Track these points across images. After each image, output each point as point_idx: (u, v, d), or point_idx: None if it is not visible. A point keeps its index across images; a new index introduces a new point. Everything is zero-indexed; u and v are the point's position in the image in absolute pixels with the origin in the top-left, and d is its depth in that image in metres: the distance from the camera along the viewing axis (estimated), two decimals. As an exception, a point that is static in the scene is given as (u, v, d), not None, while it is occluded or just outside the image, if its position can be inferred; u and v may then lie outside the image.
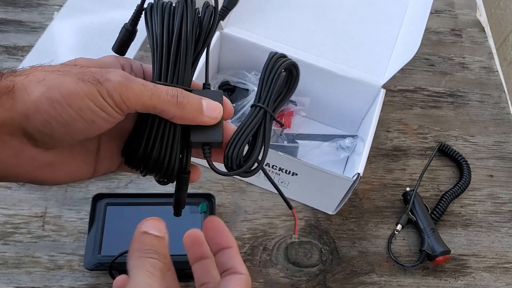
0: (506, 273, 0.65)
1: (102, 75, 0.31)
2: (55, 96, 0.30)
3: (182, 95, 0.34)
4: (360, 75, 0.65)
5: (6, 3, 0.79)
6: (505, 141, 0.76)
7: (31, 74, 0.31)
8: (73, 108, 0.30)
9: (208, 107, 0.35)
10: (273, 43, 0.66)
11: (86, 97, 0.30)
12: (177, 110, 0.33)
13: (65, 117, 0.30)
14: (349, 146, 0.67)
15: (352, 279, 0.62)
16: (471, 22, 0.90)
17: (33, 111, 0.30)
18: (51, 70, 0.31)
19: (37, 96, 0.30)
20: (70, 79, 0.30)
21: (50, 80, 0.30)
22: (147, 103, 0.32)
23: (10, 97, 0.30)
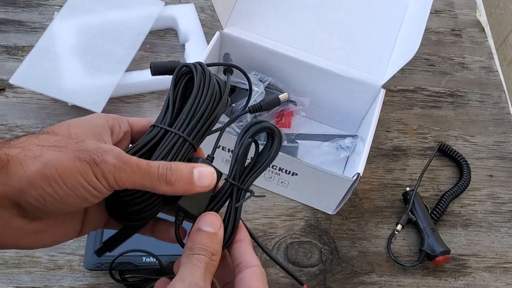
0: (506, 273, 0.65)
1: (98, 156, 0.32)
2: (51, 174, 0.30)
3: (171, 172, 0.35)
4: (360, 75, 0.65)
5: (6, 3, 0.79)
6: (505, 141, 0.76)
7: (27, 149, 0.31)
8: (68, 186, 0.31)
9: (200, 176, 0.36)
10: (273, 43, 0.66)
11: (81, 176, 0.31)
12: (167, 187, 0.34)
13: (60, 194, 0.31)
14: (349, 146, 0.67)
15: (352, 279, 0.62)
16: (471, 22, 0.90)
17: (27, 187, 0.30)
18: (48, 146, 0.31)
19: (33, 173, 0.30)
20: (67, 157, 0.31)
21: (46, 157, 0.31)
22: (138, 183, 0.33)
23: (4, 172, 0.30)
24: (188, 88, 0.40)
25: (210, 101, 0.39)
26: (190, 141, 0.38)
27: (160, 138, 0.37)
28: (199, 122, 0.39)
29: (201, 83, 0.39)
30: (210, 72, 0.40)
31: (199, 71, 0.39)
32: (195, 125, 0.38)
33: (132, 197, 0.36)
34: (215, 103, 0.39)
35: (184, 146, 0.38)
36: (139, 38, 0.74)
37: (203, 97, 0.39)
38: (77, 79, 0.69)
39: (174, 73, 0.40)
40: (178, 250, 0.58)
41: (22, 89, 0.70)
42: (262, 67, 0.68)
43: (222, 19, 0.66)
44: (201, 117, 0.39)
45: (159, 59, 0.77)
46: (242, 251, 0.39)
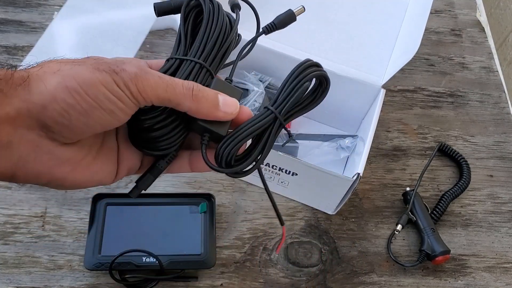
0: (506, 273, 0.65)
1: (117, 66, 0.31)
2: (72, 85, 0.29)
3: (198, 88, 0.34)
4: (360, 75, 0.65)
5: (6, 3, 0.79)
6: (505, 141, 0.76)
7: (46, 65, 0.31)
8: (91, 96, 0.30)
9: (225, 102, 0.35)
10: (273, 43, 0.66)
11: (103, 86, 0.30)
12: (192, 103, 0.33)
13: (84, 106, 0.30)
14: (349, 146, 0.67)
15: (352, 279, 0.62)
16: (471, 22, 0.90)
17: (50, 101, 0.29)
18: (66, 61, 0.31)
19: (53, 86, 0.29)
20: (86, 69, 0.30)
21: (65, 70, 0.30)
22: (162, 95, 0.32)
23: (25, 88, 0.29)
24: (198, 23, 0.39)
25: (221, 29, 0.38)
26: (207, 67, 0.37)
27: (177, 68, 0.37)
28: (214, 48, 0.38)
29: (211, 13, 0.38)
30: (218, 3, 0.39)
31: (207, 2, 0.39)
32: (210, 51, 0.38)
33: (154, 120, 0.34)
34: (227, 32, 0.39)
35: (202, 72, 0.37)
36: (139, 38, 0.74)
37: (213, 25, 0.38)
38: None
39: (182, 7, 0.39)
40: (178, 250, 0.59)
41: (22, 89, 0.70)
42: (262, 67, 0.68)
43: (222, 19, 0.66)
44: (214, 43, 0.38)
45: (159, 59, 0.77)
46: None
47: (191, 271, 0.59)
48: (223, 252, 0.62)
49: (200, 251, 0.58)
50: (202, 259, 0.58)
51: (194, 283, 0.59)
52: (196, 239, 0.59)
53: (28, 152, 0.30)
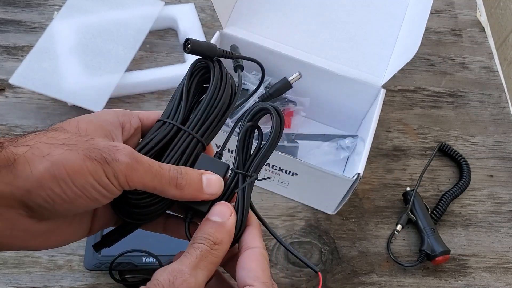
0: (506, 273, 0.65)
1: (110, 154, 0.31)
2: (60, 174, 0.29)
3: (182, 176, 0.34)
4: (360, 75, 0.65)
5: (5, 3, 0.79)
6: (505, 141, 0.76)
7: (35, 147, 0.29)
8: (78, 186, 0.30)
9: (208, 184, 0.35)
10: (273, 43, 0.66)
11: (91, 176, 0.30)
12: (176, 191, 0.34)
13: (69, 195, 0.30)
14: (349, 146, 0.67)
15: (352, 279, 0.62)
16: (471, 22, 0.90)
17: (35, 187, 0.29)
18: (56, 144, 0.30)
19: (40, 172, 0.29)
20: (77, 156, 0.30)
21: (55, 155, 0.29)
22: (148, 184, 0.32)
23: (10, 171, 0.28)
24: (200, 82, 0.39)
25: (225, 102, 0.38)
26: (203, 141, 0.38)
27: (173, 137, 0.36)
28: (213, 122, 0.38)
29: (218, 83, 0.38)
30: (226, 71, 0.39)
31: (217, 70, 0.38)
32: (209, 125, 0.38)
33: (139, 199, 0.35)
34: (230, 104, 0.39)
35: (197, 147, 0.37)
36: (139, 38, 0.74)
37: (218, 97, 0.38)
38: (77, 79, 0.69)
39: (191, 66, 0.39)
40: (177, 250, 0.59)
41: (22, 89, 0.70)
42: (262, 67, 0.68)
43: (222, 19, 0.66)
44: (215, 118, 0.38)
45: (159, 59, 0.77)
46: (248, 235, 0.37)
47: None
48: (223, 252, 0.62)
49: (200, 251, 0.58)
50: None
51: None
52: (196, 239, 0.59)
53: (4, 229, 0.30)
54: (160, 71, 0.74)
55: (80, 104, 0.67)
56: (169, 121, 0.37)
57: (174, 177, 0.34)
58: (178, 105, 0.37)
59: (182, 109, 0.37)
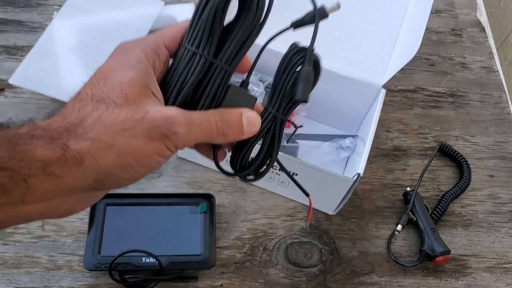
0: (507, 273, 0.65)
1: (169, 129, 0.32)
2: (128, 161, 0.31)
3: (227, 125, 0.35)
4: (360, 75, 0.65)
5: (5, 3, 0.79)
6: (505, 141, 0.76)
7: (97, 140, 0.30)
8: (145, 167, 0.32)
9: (248, 124, 0.36)
10: (273, 43, 0.66)
11: (156, 154, 0.32)
12: (222, 139, 0.35)
13: (136, 176, 0.32)
14: (349, 146, 0.67)
15: (352, 280, 0.62)
16: (472, 22, 0.90)
17: (105, 177, 0.31)
18: (117, 131, 0.30)
19: (109, 165, 0.30)
20: (140, 141, 0.31)
21: (120, 146, 0.30)
22: (201, 140, 0.34)
23: (79, 168, 0.29)
24: None
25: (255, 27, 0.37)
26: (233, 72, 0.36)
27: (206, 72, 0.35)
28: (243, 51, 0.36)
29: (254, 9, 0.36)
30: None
31: None
32: (242, 56, 0.36)
33: None
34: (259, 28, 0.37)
35: (228, 79, 0.36)
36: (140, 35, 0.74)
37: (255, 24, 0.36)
38: (77, 79, 0.68)
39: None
40: (177, 250, 0.59)
41: (22, 89, 0.70)
42: (262, 67, 0.68)
43: (222, 19, 0.66)
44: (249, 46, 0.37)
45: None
46: None
47: (191, 272, 0.59)
48: (223, 253, 0.62)
49: (200, 251, 0.58)
50: (202, 259, 0.58)
51: (194, 284, 0.59)
52: (196, 240, 0.59)
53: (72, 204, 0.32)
54: (160, 71, 0.74)
55: (80, 104, 0.67)
56: (201, 52, 0.34)
57: (221, 128, 0.35)
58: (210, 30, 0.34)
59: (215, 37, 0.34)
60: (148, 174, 0.33)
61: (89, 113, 0.31)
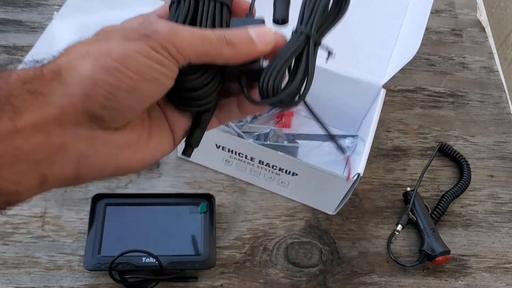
0: (507, 273, 0.65)
1: (147, 28, 0.29)
2: (108, 63, 0.27)
3: (227, 33, 0.31)
4: (360, 75, 0.65)
5: (5, 3, 0.79)
6: (505, 141, 0.76)
7: (71, 51, 0.28)
8: (132, 69, 0.28)
9: (258, 35, 0.32)
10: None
11: (140, 55, 0.28)
12: (230, 49, 0.31)
13: (127, 82, 0.28)
14: (349, 146, 0.67)
15: (352, 280, 0.62)
16: (472, 22, 0.90)
17: (91, 87, 0.27)
18: (91, 42, 0.29)
19: (89, 70, 0.27)
20: (116, 43, 0.28)
21: (95, 51, 0.28)
22: (201, 49, 0.30)
23: (60, 82, 0.27)
24: None
25: None
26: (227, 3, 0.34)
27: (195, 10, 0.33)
28: None
29: None
30: None
31: None
32: None
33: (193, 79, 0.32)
34: None
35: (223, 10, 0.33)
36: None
37: None
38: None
39: None
40: (178, 250, 0.59)
41: (22, 89, 0.70)
42: (262, 67, 0.68)
43: (222, 19, 0.66)
44: None
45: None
46: None
47: (191, 272, 0.59)
48: (223, 253, 0.62)
49: (200, 251, 0.58)
50: (202, 259, 0.58)
51: (194, 284, 0.59)
52: (196, 240, 0.59)
53: (85, 148, 0.28)
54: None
55: (80, 104, 0.67)
56: None
57: (221, 35, 0.31)
58: None
59: None
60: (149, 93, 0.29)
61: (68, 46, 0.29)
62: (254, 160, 0.61)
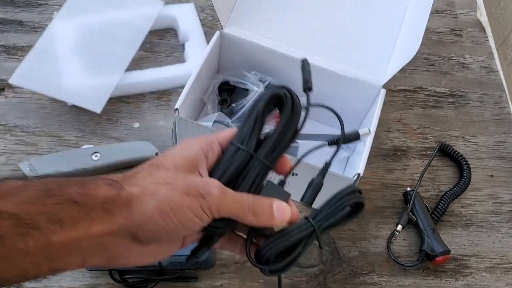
0: (507, 273, 0.65)
1: (204, 189, 0.37)
2: (165, 210, 0.35)
3: (257, 205, 0.39)
4: (360, 75, 0.65)
5: (5, 3, 0.79)
6: (505, 141, 0.76)
7: (145, 187, 0.36)
8: (178, 219, 0.36)
9: (278, 211, 0.40)
10: (273, 43, 0.66)
11: (190, 211, 0.36)
12: (253, 218, 0.39)
13: (171, 226, 0.36)
14: (349, 146, 0.67)
15: (353, 280, 0.62)
16: (472, 22, 0.90)
17: (146, 221, 0.35)
18: (161, 183, 0.36)
19: (151, 209, 0.35)
20: (178, 194, 0.36)
21: (161, 195, 0.36)
22: (233, 212, 0.38)
23: (128, 209, 0.35)
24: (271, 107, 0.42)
25: (295, 129, 0.43)
26: (271, 166, 0.41)
27: (246, 164, 0.40)
28: (282, 149, 0.42)
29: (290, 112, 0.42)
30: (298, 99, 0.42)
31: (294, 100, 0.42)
32: (279, 153, 0.42)
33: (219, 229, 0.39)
34: (297, 130, 0.43)
35: (266, 173, 0.41)
36: (139, 38, 0.74)
37: (290, 126, 0.42)
38: (77, 79, 0.69)
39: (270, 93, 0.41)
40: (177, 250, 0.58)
41: (22, 89, 0.70)
42: (262, 67, 0.68)
43: (222, 19, 0.66)
44: (285, 145, 0.42)
45: (159, 59, 0.77)
46: None
47: (191, 272, 0.59)
48: (223, 253, 0.62)
49: (200, 251, 0.58)
50: (202, 259, 0.58)
51: (194, 284, 0.59)
52: (196, 240, 0.59)
53: (121, 252, 0.37)
54: (160, 71, 0.74)
55: (80, 104, 0.67)
56: (244, 147, 0.40)
57: (252, 206, 0.39)
58: (252, 131, 0.40)
59: (255, 136, 0.41)
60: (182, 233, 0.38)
61: (142, 169, 0.38)
62: (254, 160, 0.61)
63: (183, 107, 0.59)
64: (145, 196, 0.36)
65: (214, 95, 0.67)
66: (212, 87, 0.67)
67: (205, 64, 0.64)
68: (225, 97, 0.68)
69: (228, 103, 0.67)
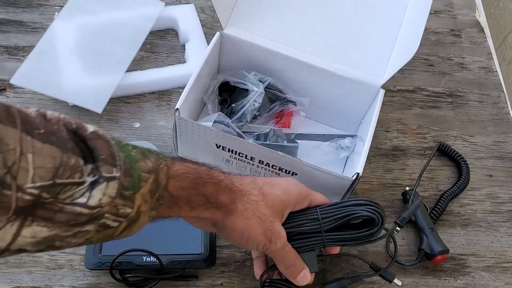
0: (505, 272, 0.65)
1: (275, 238, 0.49)
2: (245, 234, 0.48)
3: (294, 266, 0.52)
4: (359, 75, 0.65)
5: (7, 4, 0.80)
6: (504, 141, 0.77)
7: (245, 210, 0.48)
8: (247, 245, 0.50)
9: (302, 277, 0.52)
10: (273, 43, 0.66)
11: (256, 244, 0.49)
12: (283, 269, 0.52)
13: (239, 244, 0.51)
14: (348, 146, 0.67)
15: (352, 279, 0.62)
16: (470, 23, 0.90)
17: (229, 230, 0.49)
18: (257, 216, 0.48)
19: (238, 227, 0.48)
20: (259, 231, 0.48)
21: (251, 223, 0.48)
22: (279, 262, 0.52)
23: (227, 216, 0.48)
24: None
25: None
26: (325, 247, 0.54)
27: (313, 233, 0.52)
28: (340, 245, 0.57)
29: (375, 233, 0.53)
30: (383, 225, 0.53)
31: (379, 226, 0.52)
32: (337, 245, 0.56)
33: None
34: None
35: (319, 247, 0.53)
36: (140, 38, 0.74)
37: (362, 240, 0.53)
38: (78, 79, 0.69)
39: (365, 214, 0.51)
40: (177, 249, 0.59)
41: (23, 89, 0.70)
42: (262, 67, 0.69)
43: (222, 20, 0.66)
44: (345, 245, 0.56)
45: (160, 59, 0.77)
46: None
47: (191, 271, 0.60)
48: (223, 252, 0.62)
49: (200, 250, 0.59)
50: (203, 258, 0.58)
51: (194, 282, 0.60)
52: (197, 239, 0.59)
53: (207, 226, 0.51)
54: (160, 71, 0.74)
55: (81, 104, 0.67)
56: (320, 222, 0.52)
57: (290, 264, 0.52)
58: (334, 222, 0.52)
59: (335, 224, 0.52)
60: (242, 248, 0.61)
61: (254, 194, 0.49)
62: (254, 160, 0.61)
63: (184, 107, 0.60)
64: (242, 215, 0.48)
65: (214, 95, 0.68)
66: (212, 88, 0.67)
67: (205, 65, 0.64)
68: (225, 97, 0.68)
69: (228, 103, 0.68)
